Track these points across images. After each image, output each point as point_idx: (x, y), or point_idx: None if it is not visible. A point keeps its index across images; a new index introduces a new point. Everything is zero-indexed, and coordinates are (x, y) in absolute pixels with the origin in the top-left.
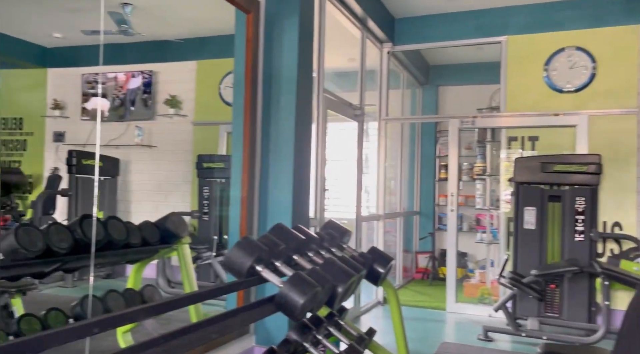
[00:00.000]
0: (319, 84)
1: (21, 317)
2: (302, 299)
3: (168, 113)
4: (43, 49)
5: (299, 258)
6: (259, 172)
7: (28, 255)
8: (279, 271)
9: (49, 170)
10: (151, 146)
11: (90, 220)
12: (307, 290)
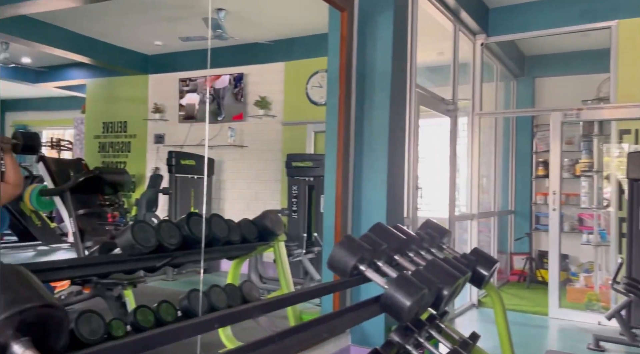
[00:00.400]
0: (411, 79)
1: (136, 308)
2: (409, 302)
3: (258, 114)
4: (145, 56)
5: (400, 258)
6: (352, 170)
7: (143, 250)
8: (381, 271)
9: (150, 170)
10: (242, 146)
11: (196, 218)
12: (414, 292)
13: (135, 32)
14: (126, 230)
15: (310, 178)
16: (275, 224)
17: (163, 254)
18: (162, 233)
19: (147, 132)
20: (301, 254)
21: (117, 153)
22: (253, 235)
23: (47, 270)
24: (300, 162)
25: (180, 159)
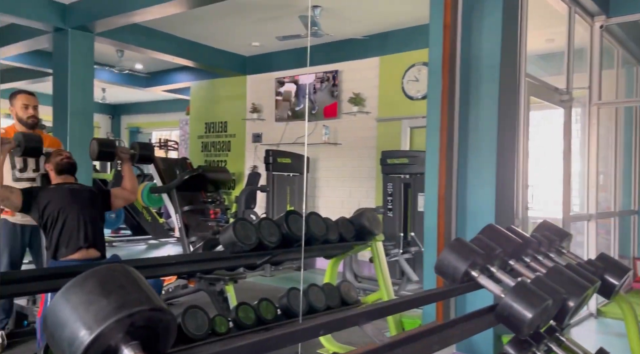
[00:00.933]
0: (521, 68)
1: (238, 305)
2: (530, 314)
3: (352, 111)
4: (243, 58)
5: (515, 263)
6: (456, 167)
7: (244, 247)
8: (495, 278)
9: (249, 168)
10: (337, 143)
11: (295, 216)
12: (537, 303)
13: (234, 34)
14: (228, 227)
15: (406, 176)
16: (373, 223)
17: (263, 252)
18: (262, 231)
19: (246, 131)
20: (398, 254)
21: (218, 152)
22: (350, 234)
23: (156, 265)
24: (396, 158)
25: (277, 157)
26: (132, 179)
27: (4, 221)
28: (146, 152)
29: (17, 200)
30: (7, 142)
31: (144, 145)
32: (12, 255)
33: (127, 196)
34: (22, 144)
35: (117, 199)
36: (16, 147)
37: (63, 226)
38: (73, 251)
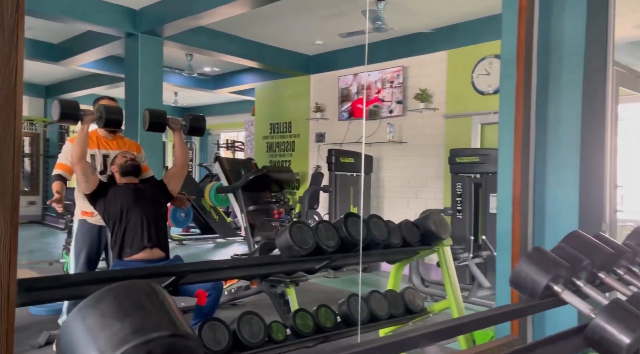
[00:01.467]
0: (608, 56)
1: (296, 312)
2: (628, 338)
3: (418, 107)
4: (307, 57)
5: (606, 277)
6: (532, 165)
7: (301, 252)
8: (581, 294)
9: (312, 168)
10: (402, 142)
11: (354, 219)
12: (636, 325)
13: (297, 33)
14: (284, 231)
15: (477, 175)
16: (440, 226)
17: (321, 256)
18: (320, 235)
19: (309, 131)
20: (468, 258)
21: (282, 152)
22: (415, 238)
23: (209, 269)
24: (465, 157)
25: (339, 157)
26: (182, 149)
27: (83, 221)
28: (197, 123)
29: (93, 182)
30: (89, 113)
31: (195, 117)
32: (90, 253)
33: (177, 172)
34: (104, 115)
35: (170, 181)
36: (98, 118)
37: (127, 225)
38: (137, 251)
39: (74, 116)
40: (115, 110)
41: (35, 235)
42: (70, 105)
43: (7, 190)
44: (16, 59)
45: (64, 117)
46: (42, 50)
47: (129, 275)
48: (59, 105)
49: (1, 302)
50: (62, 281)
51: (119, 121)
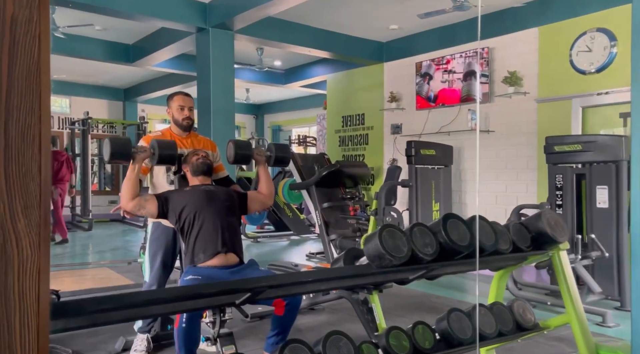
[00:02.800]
0: None
1: (389, 331)
2: None
3: (506, 92)
4: (380, 44)
5: None
6: None
7: (394, 261)
8: None
9: (388, 161)
10: (488, 130)
11: (454, 221)
12: None
13: (370, 19)
14: (373, 236)
15: (579, 165)
16: (556, 228)
17: (417, 266)
18: (415, 241)
19: (384, 123)
20: (576, 260)
21: (355, 146)
22: (526, 242)
23: (296, 283)
24: (566, 145)
25: (419, 149)
26: (268, 183)
27: (157, 223)
28: (282, 153)
29: (152, 207)
30: (142, 150)
31: (280, 147)
32: (165, 257)
33: (263, 200)
34: (157, 151)
35: (254, 203)
36: (152, 155)
37: (200, 230)
38: (211, 257)
39: (126, 155)
40: (169, 145)
41: (117, 232)
42: (122, 143)
43: (32, 202)
44: (39, 26)
45: (115, 157)
46: (118, 52)
47: (198, 293)
48: (109, 144)
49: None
50: (126, 302)
51: (173, 156)
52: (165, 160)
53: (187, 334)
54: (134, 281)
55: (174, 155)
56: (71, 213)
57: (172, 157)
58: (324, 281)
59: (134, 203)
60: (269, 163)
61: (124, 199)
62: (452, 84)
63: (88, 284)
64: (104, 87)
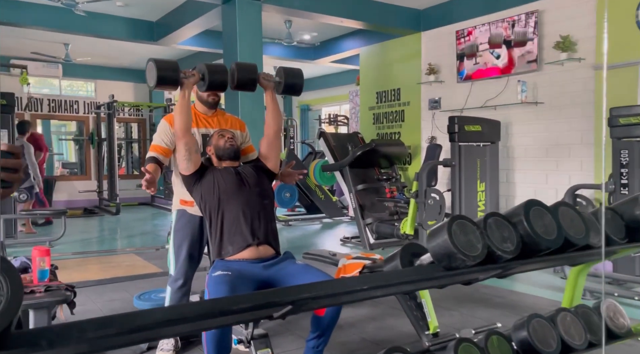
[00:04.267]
0: None
1: (459, 343)
2: None
3: (558, 59)
4: (417, 12)
5: None
6: None
7: (467, 261)
8: None
9: (426, 139)
10: (537, 103)
11: (538, 209)
12: None
13: None
14: (440, 231)
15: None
16: None
17: (491, 265)
18: (491, 235)
19: (421, 98)
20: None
21: (391, 123)
22: (620, 233)
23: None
24: (632, 117)
25: (463, 124)
26: (275, 112)
27: (182, 211)
28: (293, 80)
29: (195, 161)
30: (190, 74)
31: (291, 71)
32: (191, 249)
33: (270, 143)
34: (207, 76)
35: (267, 156)
36: (200, 80)
37: (227, 218)
38: (241, 249)
39: (173, 79)
40: (220, 69)
41: (146, 216)
42: (169, 67)
43: None
44: None
45: (162, 82)
46: (142, 30)
47: (226, 310)
48: (154, 67)
49: None
50: (139, 322)
51: (225, 82)
52: (216, 85)
53: (217, 339)
54: (161, 268)
55: (225, 81)
56: (98, 198)
57: (224, 82)
58: (381, 288)
59: (189, 136)
60: (278, 90)
61: (180, 127)
62: (495, 54)
63: (114, 272)
64: (129, 69)
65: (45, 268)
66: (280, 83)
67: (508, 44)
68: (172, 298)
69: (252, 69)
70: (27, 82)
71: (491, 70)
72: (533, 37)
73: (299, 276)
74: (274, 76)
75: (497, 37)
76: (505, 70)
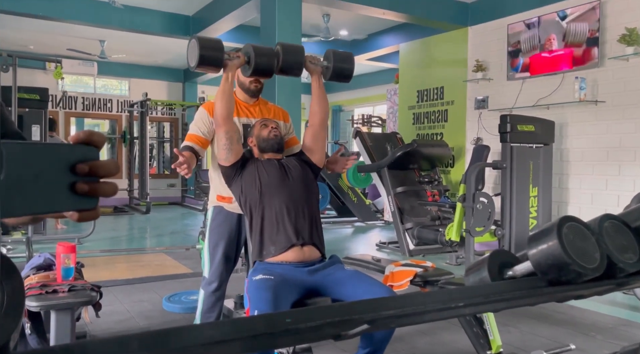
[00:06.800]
0: None
1: None
2: None
3: (623, 54)
4: (464, 5)
5: None
6: None
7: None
8: None
9: (471, 140)
10: (597, 101)
11: None
12: None
13: None
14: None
15: None
16: None
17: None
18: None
19: (467, 96)
20: None
21: (432, 123)
22: None
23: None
24: None
25: (516, 124)
26: (322, 99)
27: (219, 208)
28: (343, 64)
29: (237, 151)
30: (235, 56)
31: (340, 56)
32: (228, 249)
33: (315, 133)
34: (253, 58)
35: (312, 148)
36: (245, 63)
37: (269, 215)
38: (283, 250)
39: (216, 60)
40: (267, 52)
41: (176, 216)
42: (212, 46)
43: None
44: None
45: (204, 62)
46: (178, 24)
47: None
48: (197, 44)
49: None
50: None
51: (271, 67)
52: (263, 70)
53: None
54: (191, 269)
55: (272, 66)
56: (129, 196)
57: (270, 67)
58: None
59: (231, 124)
60: (325, 76)
61: (221, 113)
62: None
63: (143, 272)
64: (163, 67)
65: (70, 265)
66: (329, 68)
67: (565, 38)
68: (205, 302)
69: (299, 51)
70: (61, 76)
71: (546, 65)
72: (594, 30)
73: (350, 284)
74: (322, 59)
75: (552, 40)
76: (561, 66)
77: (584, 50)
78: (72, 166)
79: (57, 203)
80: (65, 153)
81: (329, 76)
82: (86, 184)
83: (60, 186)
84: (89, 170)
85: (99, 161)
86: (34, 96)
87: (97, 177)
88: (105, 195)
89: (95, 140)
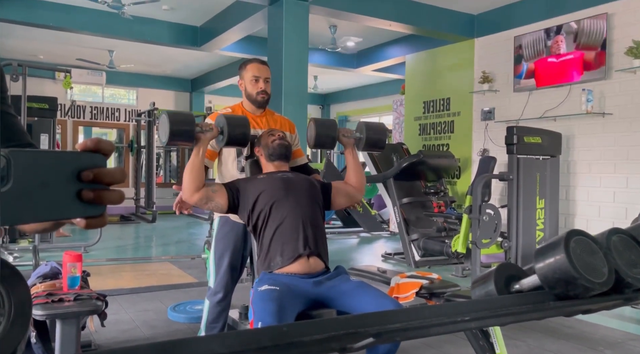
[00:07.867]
0: None
1: None
2: None
3: (631, 66)
4: (470, 17)
5: None
6: None
7: (591, 288)
8: None
9: (478, 152)
10: (604, 114)
11: None
12: None
13: None
14: (555, 248)
15: None
16: None
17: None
18: (617, 257)
19: (473, 108)
20: None
21: (438, 134)
22: None
23: (439, 324)
24: None
25: (523, 135)
26: (358, 171)
27: (224, 219)
28: (376, 135)
29: (221, 200)
30: (208, 129)
31: (372, 127)
32: (233, 259)
33: (352, 193)
34: (226, 130)
35: (339, 196)
36: (219, 134)
37: (277, 227)
38: (290, 261)
39: (188, 135)
40: (240, 122)
41: (182, 225)
42: (182, 120)
43: None
44: None
45: (175, 137)
46: (186, 35)
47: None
48: (167, 121)
49: None
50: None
51: (245, 136)
52: (237, 140)
53: None
54: (197, 278)
55: (246, 135)
56: (135, 205)
57: (245, 136)
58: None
59: (199, 194)
60: (359, 147)
61: (188, 191)
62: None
63: (148, 280)
64: (170, 77)
65: (76, 274)
66: (361, 139)
67: (577, 39)
68: (211, 312)
69: (332, 126)
70: (70, 86)
71: (552, 78)
72: (601, 43)
73: (355, 296)
74: (354, 131)
75: (560, 42)
76: (568, 78)
77: (597, 54)
78: (79, 173)
79: (65, 210)
80: (72, 160)
81: (361, 147)
82: (92, 191)
83: (68, 194)
84: (93, 177)
85: (104, 168)
86: (43, 105)
87: (102, 184)
88: (111, 202)
89: (103, 148)
